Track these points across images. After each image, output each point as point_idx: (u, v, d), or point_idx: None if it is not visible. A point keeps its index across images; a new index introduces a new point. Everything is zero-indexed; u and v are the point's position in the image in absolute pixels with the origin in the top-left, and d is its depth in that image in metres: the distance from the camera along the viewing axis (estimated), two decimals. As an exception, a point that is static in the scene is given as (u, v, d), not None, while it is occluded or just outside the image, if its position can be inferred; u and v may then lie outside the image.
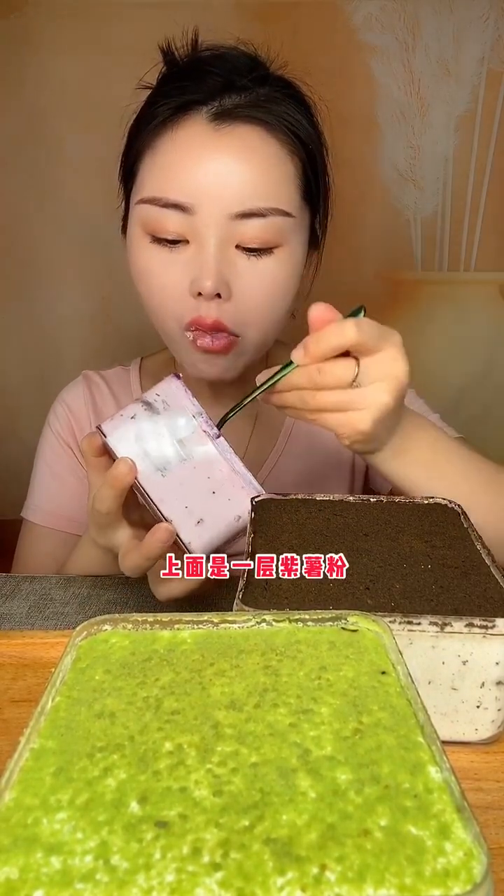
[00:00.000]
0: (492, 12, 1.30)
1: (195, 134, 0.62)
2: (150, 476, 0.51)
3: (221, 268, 0.61)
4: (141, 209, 0.64)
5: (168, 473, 0.52)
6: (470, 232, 1.43)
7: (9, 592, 0.62)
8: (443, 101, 1.35)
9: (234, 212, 0.61)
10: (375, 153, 1.38)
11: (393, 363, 0.52)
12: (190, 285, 0.62)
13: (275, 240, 0.63)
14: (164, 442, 0.52)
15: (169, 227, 0.62)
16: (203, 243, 0.61)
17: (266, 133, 0.63)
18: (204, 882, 0.20)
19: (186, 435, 0.52)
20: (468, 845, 0.21)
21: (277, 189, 0.63)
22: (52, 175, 1.37)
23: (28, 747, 0.25)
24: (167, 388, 0.53)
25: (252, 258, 0.63)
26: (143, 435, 0.51)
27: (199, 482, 0.52)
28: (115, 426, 0.52)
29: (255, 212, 0.61)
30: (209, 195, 0.60)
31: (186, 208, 0.61)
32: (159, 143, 0.63)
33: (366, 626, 0.32)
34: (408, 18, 1.30)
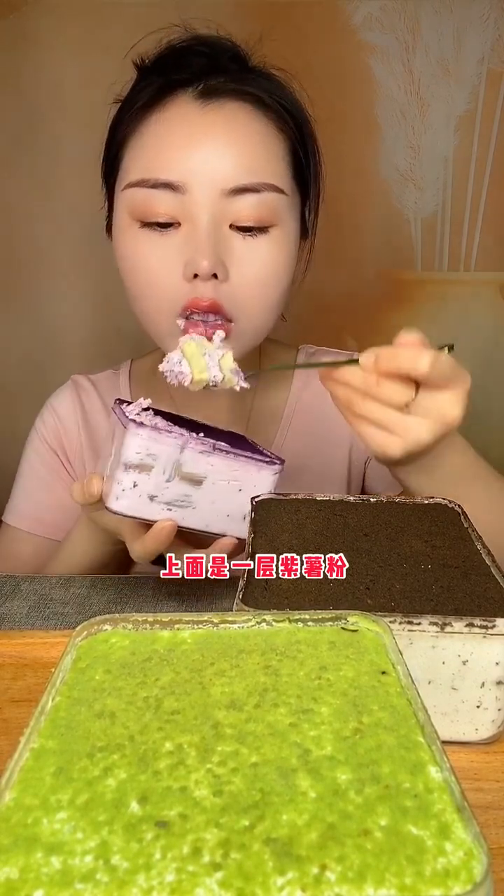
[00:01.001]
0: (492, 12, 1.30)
1: (182, 113, 0.61)
2: (185, 517, 0.54)
3: (217, 247, 0.60)
4: (128, 194, 0.62)
5: (196, 504, 0.54)
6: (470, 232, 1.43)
7: (9, 592, 0.62)
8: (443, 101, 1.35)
9: (227, 188, 0.60)
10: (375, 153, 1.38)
11: (450, 406, 0.52)
12: (184, 268, 0.60)
13: (269, 218, 0.62)
14: (175, 485, 0.53)
15: (159, 209, 0.60)
16: (196, 223, 0.60)
17: (254, 109, 0.62)
18: (204, 882, 0.20)
19: (189, 467, 0.53)
20: (468, 845, 0.21)
21: (269, 165, 0.62)
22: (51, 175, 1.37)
23: (28, 747, 0.25)
24: (140, 442, 0.51)
25: (247, 238, 0.62)
26: (153, 492, 0.52)
27: (224, 491, 0.54)
28: (125, 502, 0.52)
29: (248, 187, 0.60)
30: (200, 172, 0.59)
31: (177, 187, 0.59)
32: (144, 125, 0.62)
33: (366, 626, 0.32)
34: (408, 18, 1.30)
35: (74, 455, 0.80)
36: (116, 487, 0.52)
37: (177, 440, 0.52)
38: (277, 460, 0.56)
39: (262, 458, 0.55)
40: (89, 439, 0.79)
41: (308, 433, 0.79)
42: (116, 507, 0.52)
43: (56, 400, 0.82)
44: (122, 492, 0.52)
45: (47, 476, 0.80)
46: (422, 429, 0.52)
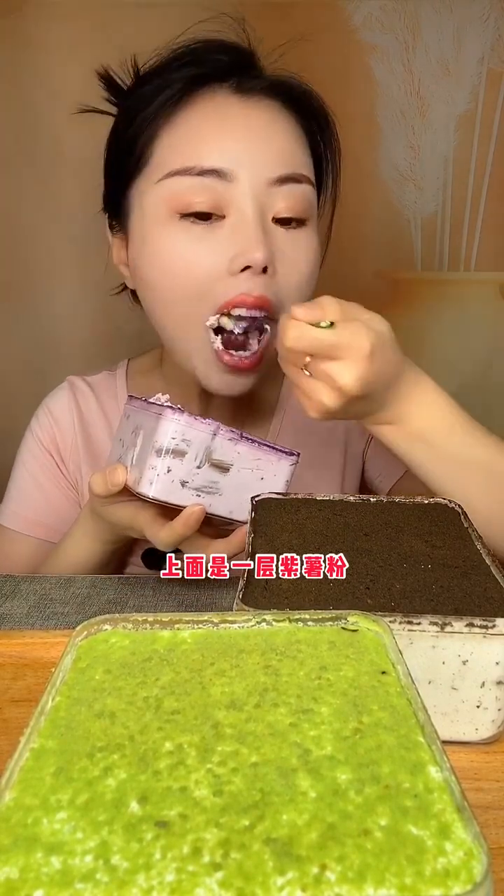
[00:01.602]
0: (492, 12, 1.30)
1: (220, 104, 0.61)
2: (211, 503, 0.56)
3: (267, 239, 0.60)
4: (168, 184, 0.60)
5: (222, 490, 0.56)
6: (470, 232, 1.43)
7: (9, 592, 0.62)
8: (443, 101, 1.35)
9: (273, 176, 0.60)
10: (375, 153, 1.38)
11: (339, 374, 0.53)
12: (231, 262, 0.59)
13: (306, 210, 0.62)
14: (205, 471, 0.55)
15: (203, 197, 0.59)
16: (242, 214, 0.59)
17: (284, 107, 0.63)
18: (204, 882, 0.20)
19: (218, 454, 0.55)
20: (468, 845, 0.21)
21: (304, 159, 0.63)
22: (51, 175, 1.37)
23: (28, 747, 0.25)
24: (176, 427, 0.53)
25: (290, 231, 0.62)
26: (186, 479, 0.54)
27: (247, 479, 0.57)
28: (161, 486, 0.54)
29: (292, 176, 0.60)
30: (246, 161, 0.59)
31: (225, 174, 0.59)
32: (181, 117, 0.61)
33: (366, 625, 0.32)
34: (408, 18, 1.30)
35: (69, 456, 0.79)
36: (150, 472, 0.53)
37: (209, 426, 0.54)
38: (294, 452, 0.59)
39: (281, 449, 0.58)
40: (85, 440, 0.79)
41: (301, 427, 0.79)
42: (151, 491, 0.54)
43: (51, 401, 0.81)
44: (156, 476, 0.53)
45: (42, 478, 0.79)
46: (322, 393, 0.53)
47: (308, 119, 0.65)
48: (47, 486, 0.79)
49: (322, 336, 0.52)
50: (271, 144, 0.60)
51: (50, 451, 0.79)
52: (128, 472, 0.56)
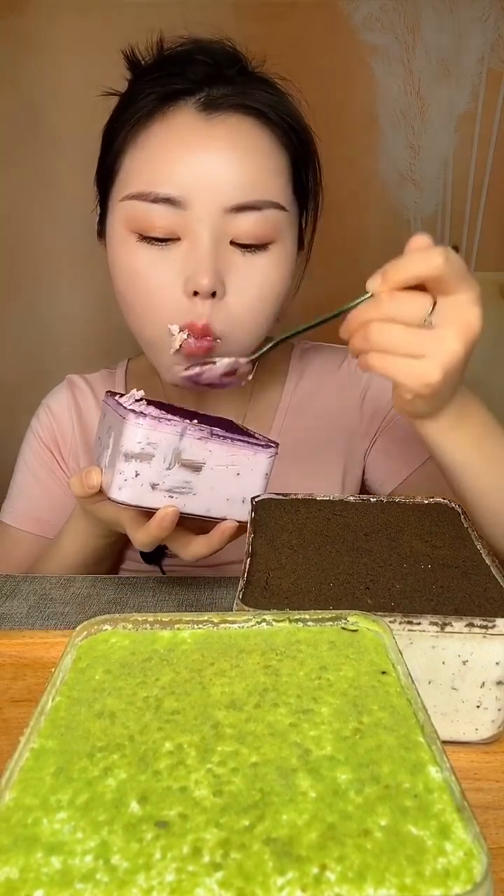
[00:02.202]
0: (492, 12, 1.30)
1: (184, 124, 0.60)
2: (185, 503, 0.55)
3: (217, 265, 0.59)
4: (126, 206, 0.61)
5: (196, 489, 0.55)
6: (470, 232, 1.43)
7: (9, 592, 0.62)
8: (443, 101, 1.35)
9: (228, 205, 0.59)
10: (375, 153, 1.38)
11: (469, 308, 0.48)
12: (184, 284, 0.60)
13: (269, 235, 0.61)
14: (176, 472, 0.54)
15: (158, 223, 0.59)
16: (196, 239, 0.59)
17: (258, 123, 0.61)
18: (204, 882, 0.20)
19: (188, 454, 0.54)
20: (468, 845, 0.21)
21: (272, 181, 0.61)
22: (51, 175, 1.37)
23: (28, 747, 0.25)
24: (141, 431, 0.52)
25: (247, 254, 0.61)
26: (155, 481, 0.53)
27: (222, 476, 0.55)
28: (127, 491, 0.53)
29: (250, 205, 0.59)
30: (202, 188, 0.58)
31: (178, 202, 0.58)
32: (144, 136, 0.61)
33: (366, 626, 0.32)
34: (408, 18, 1.30)
35: (69, 454, 0.80)
36: (118, 478, 0.53)
37: (175, 427, 0.53)
38: (272, 444, 0.57)
39: (257, 442, 0.56)
40: (84, 438, 0.80)
41: (304, 427, 0.79)
42: (119, 496, 0.53)
43: (51, 399, 0.82)
44: (124, 482, 0.52)
45: (43, 475, 0.80)
46: (451, 338, 0.48)
47: (286, 135, 0.63)
48: (48, 483, 0.79)
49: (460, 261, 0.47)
50: (231, 170, 0.59)
51: (50, 448, 0.80)
52: (101, 475, 0.55)
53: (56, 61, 1.30)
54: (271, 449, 0.57)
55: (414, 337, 0.48)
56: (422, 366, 0.49)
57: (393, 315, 0.49)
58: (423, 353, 0.48)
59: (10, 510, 0.80)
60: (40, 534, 0.78)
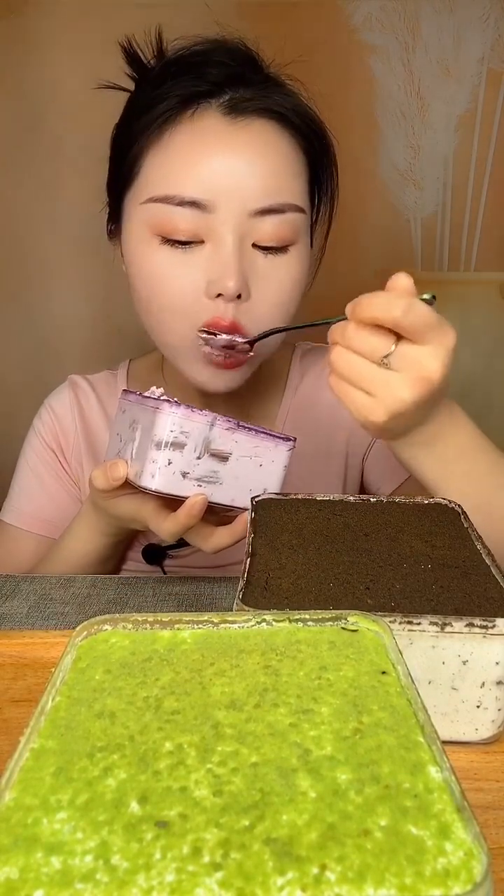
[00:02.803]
0: (492, 12, 1.30)
1: (209, 128, 0.60)
2: (213, 493, 0.57)
3: (242, 267, 0.60)
4: (149, 209, 0.61)
5: (223, 479, 0.57)
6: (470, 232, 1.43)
7: (9, 592, 0.62)
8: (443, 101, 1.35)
9: (253, 208, 0.59)
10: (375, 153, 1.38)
11: (429, 360, 0.49)
12: (207, 286, 0.60)
13: (290, 237, 0.62)
14: (204, 461, 0.56)
15: (182, 226, 0.60)
16: (221, 242, 0.60)
17: (279, 126, 0.62)
18: (204, 882, 0.20)
19: (217, 443, 0.56)
20: (468, 845, 0.21)
21: (293, 184, 0.62)
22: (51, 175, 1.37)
23: (28, 747, 0.25)
24: (174, 420, 0.54)
25: (269, 256, 0.62)
26: (186, 470, 0.55)
27: (247, 467, 0.58)
28: (160, 479, 0.55)
29: (274, 208, 0.60)
30: (227, 192, 0.59)
31: (203, 206, 0.59)
32: (168, 138, 0.61)
33: (366, 626, 0.32)
34: (408, 18, 1.30)
35: (72, 454, 0.80)
36: (151, 466, 0.54)
37: (206, 417, 0.55)
38: (291, 438, 0.60)
39: (278, 435, 0.59)
40: (86, 439, 0.80)
41: (304, 428, 0.79)
42: (152, 484, 0.55)
43: (53, 400, 0.82)
44: (157, 469, 0.54)
45: (45, 475, 0.80)
46: (400, 385, 0.49)
47: (306, 139, 0.64)
48: (50, 482, 0.80)
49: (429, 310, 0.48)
50: (256, 173, 0.59)
51: (52, 448, 0.80)
52: (128, 466, 0.57)
53: (56, 61, 1.29)
54: (290, 442, 0.59)
55: (368, 373, 0.50)
56: (369, 403, 0.51)
57: (353, 347, 0.50)
58: (372, 392, 0.50)
59: (11, 510, 0.80)
60: (42, 533, 0.78)
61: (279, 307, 0.64)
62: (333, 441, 0.80)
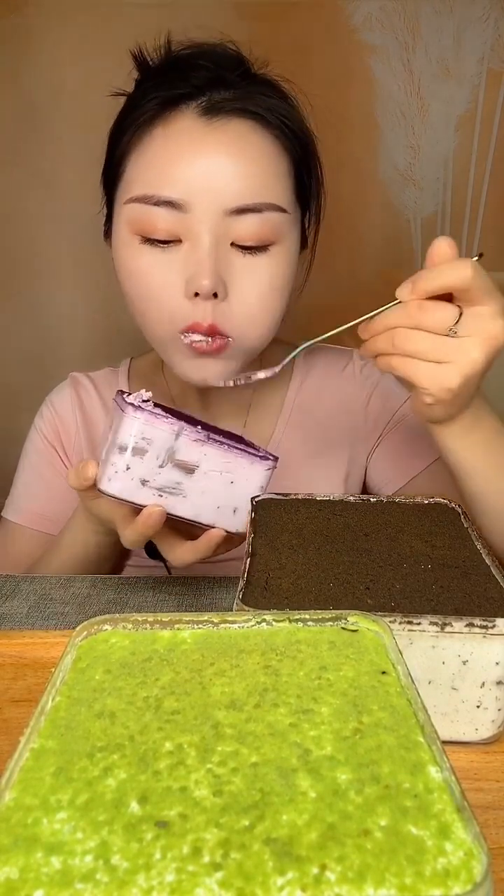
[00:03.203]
0: (492, 12, 1.30)
1: (186, 129, 0.61)
2: (174, 505, 0.54)
3: (218, 266, 0.60)
4: (130, 209, 0.62)
5: (187, 492, 0.55)
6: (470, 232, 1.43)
7: (9, 592, 0.62)
8: (443, 101, 1.35)
9: (228, 208, 0.60)
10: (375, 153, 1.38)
11: (493, 320, 0.50)
12: (185, 285, 0.61)
13: (270, 237, 0.62)
14: (167, 471, 0.54)
15: (160, 225, 0.60)
16: (197, 241, 0.60)
17: (259, 127, 0.62)
18: (204, 882, 0.20)
19: (182, 454, 0.54)
20: (468, 845, 0.21)
21: (272, 184, 0.62)
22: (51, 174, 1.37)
23: (28, 747, 0.25)
24: (137, 425, 0.52)
25: (248, 256, 0.62)
26: (146, 476, 0.53)
27: (215, 482, 0.55)
28: (118, 484, 0.53)
29: (250, 207, 0.60)
30: (203, 191, 0.59)
31: (179, 206, 0.59)
32: (147, 140, 0.62)
33: (366, 626, 0.32)
34: (408, 18, 1.30)
35: (73, 451, 0.80)
36: (109, 469, 0.53)
37: (172, 426, 0.53)
38: (271, 457, 0.57)
39: (255, 453, 0.56)
40: (88, 436, 0.80)
41: (306, 429, 0.79)
42: (108, 488, 0.53)
43: (55, 397, 0.82)
44: (114, 473, 0.53)
45: (47, 472, 0.80)
46: (473, 347, 0.50)
47: (288, 139, 0.64)
48: (51, 480, 0.80)
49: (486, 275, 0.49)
50: (232, 173, 0.60)
51: (54, 445, 0.80)
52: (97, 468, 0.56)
53: (56, 61, 1.29)
54: (268, 462, 0.56)
55: (438, 344, 0.51)
56: (443, 371, 0.51)
57: (420, 323, 0.51)
58: (446, 359, 0.51)
59: (13, 507, 0.80)
60: (43, 530, 0.78)
61: (258, 306, 0.63)
62: (336, 440, 0.80)
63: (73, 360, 1.47)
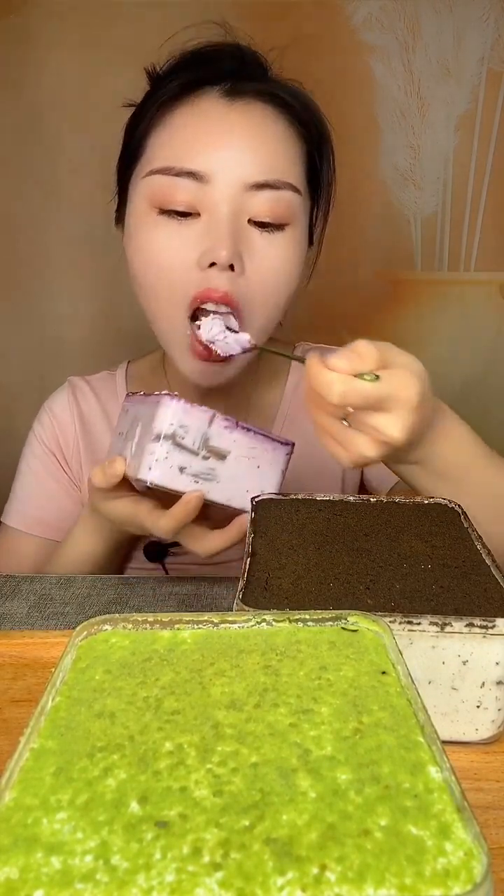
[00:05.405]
0: (492, 12, 1.30)
1: (209, 108, 0.63)
2: (209, 490, 0.56)
3: (236, 239, 0.61)
4: (150, 181, 0.63)
5: (220, 478, 0.57)
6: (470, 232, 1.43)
7: (9, 592, 0.62)
8: (443, 101, 1.35)
9: (248, 182, 0.61)
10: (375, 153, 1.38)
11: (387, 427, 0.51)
12: (200, 257, 0.61)
13: (286, 216, 0.63)
14: (202, 458, 0.56)
15: (180, 197, 0.61)
16: (216, 214, 0.61)
17: (279, 113, 0.64)
18: (204, 882, 0.20)
19: (215, 440, 0.56)
20: (468, 845, 0.21)
21: (289, 165, 0.64)
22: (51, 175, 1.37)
23: (28, 747, 0.25)
24: (173, 413, 0.54)
25: (265, 233, 0.63)
26: (184, 465, 0.55)
27: (244, 467, 0.58)
28: (157, 472, 0.54)
29: (269, 183, 0.62)
30: (225, 165, 0.61)
31: (201, 177, 0.61)
32: (170, 117, 0.64)
33: (366, 626, 0.32)
34: (408, 18, 1.30)
35: (72, 456, 0.80)
36: (149, 458, 0.54)
37: (206, 413, 0.55)
38: (289, 442, 0.60)
39: (277, 438, 0.59)
40: (86, 440, 0.80)
41: (303, 429, 0.79)
42: (150, 476, 0.54)
43: (53, 402, 0.82)
44: (155, 462, 0.54)
45: (46, 477, 0.80)
46: (364, 445, 0.52)
47: (305, 127, 0.66)
48: (51, 485, 0.80)
49: (371, 390, 0.49)
50: (253, 149, 0.62)
51: (52, 450, 0.80)
52: (126, 463, 0.57)
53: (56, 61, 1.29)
54: (288, 447, 0.59)
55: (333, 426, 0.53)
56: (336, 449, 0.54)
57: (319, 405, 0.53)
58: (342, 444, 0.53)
59: (13, 513, 0.80)
60: (44, 536, 0.78)
61: (272, 283, 0.64)
62: None
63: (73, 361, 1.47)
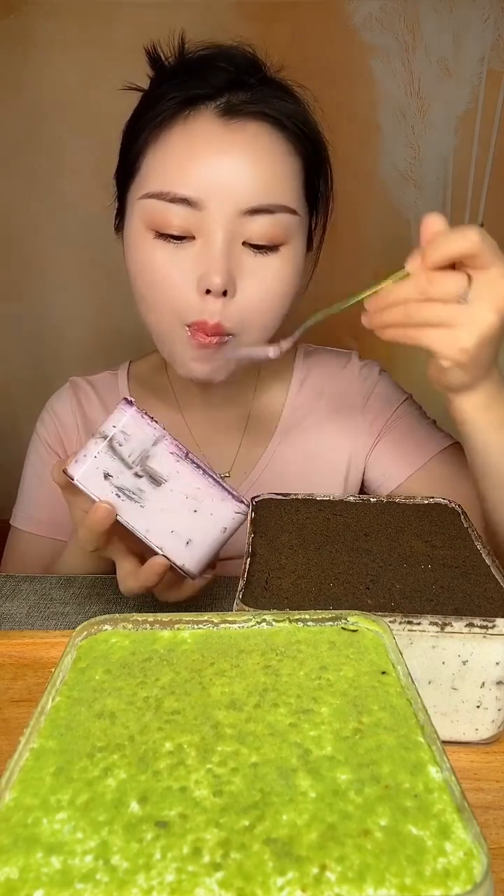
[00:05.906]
0: (492, 12, 1.30)
1: (204, 129, 0.62)
2: (129, 511, 0.51)
3: (229, 264, 0.61)
4: (145, 204, 0.63)
5: (146, 503, 0.51)
6: (470, 232, 1.43)
7: (9, 592, 0.62)
8: (443, 101, 1.35)
9: (243, 208, 0.61)
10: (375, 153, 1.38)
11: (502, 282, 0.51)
12: (197, 281, 0.61)
13: (280, 237, 0.63)
14: (134, 474, 0.51)
15: (175, 222, 0.61)
16: (211, 239, 0.61)
17: (274, 130, 0.63)
18: (204, 882, 0.20)
19: (154, 462, 0.51)
20: (468, 845, 0.21)
21: (285, 186, 0.63)
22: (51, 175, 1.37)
23: (28, 747, 0.25)
24: (122, 417, 0.51)
25: (259, 255, 0.63)
26: (111, 471, 0.51)
27: (178, 504, 0.52)
28: (82, 468, 0.51)
29: (264, 208, 0.61)
30: (218, 191, 0.60)
31: (195, 203, 0.60)
32: (165, 137, 0.63)
33: (366, 626, 0.32)
34: (408, 18, 1.30)
35: None
36: (80, 453, 0.52)
37: (155, 431, 0.51)
38: (244, 501, 0.53)
39: (231, 490, 0.53)
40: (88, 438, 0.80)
41: (307, 428, 0.79)
42: (71, 469, 0.52)
43: (55, 402, 0.83)
44: (83, 457, 0.51)
45: (50, 478, 0.80)
46: (486, 310, 0.51)
47: (301, 143, 0.66)
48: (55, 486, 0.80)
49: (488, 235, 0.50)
50: (248, 173, 0.61)
51: (56, 451, 0.80)
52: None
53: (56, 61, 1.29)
54: (241, 505, 0.53)
55: (452, 312, 0.52)
56: (458, 334, 0.52)
57: (432, 294, 0.51)
58: (460, 324, 0.52)
59: (21, 515, 0.80)
60: (52, 536, 0.78)
61: (266, 305, 0.64)
62: (336, 440, 0.80)
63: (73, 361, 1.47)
